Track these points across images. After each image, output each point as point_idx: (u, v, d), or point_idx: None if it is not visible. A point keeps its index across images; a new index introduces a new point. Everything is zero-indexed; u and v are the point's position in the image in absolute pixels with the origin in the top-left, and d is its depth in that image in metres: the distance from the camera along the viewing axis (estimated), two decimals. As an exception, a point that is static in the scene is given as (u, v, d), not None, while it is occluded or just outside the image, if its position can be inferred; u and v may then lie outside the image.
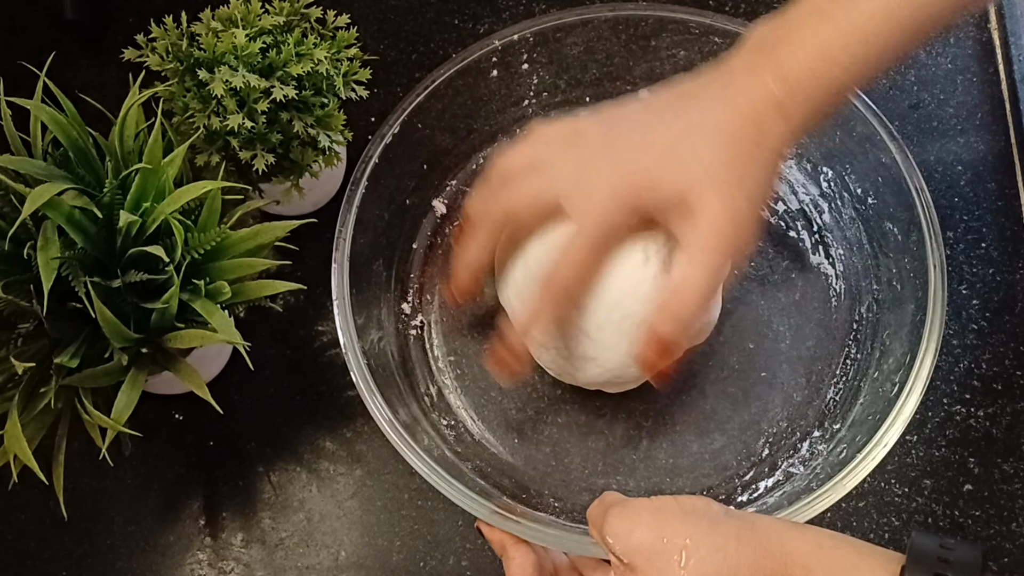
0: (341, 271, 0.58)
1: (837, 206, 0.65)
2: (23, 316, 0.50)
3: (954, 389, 0.62)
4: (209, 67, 0.54)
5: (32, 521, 0.61)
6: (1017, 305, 0.64)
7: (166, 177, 0.51)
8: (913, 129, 0.69)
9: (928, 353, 0.55)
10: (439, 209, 0.66)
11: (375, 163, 0.61)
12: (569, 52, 0.66)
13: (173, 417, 0.63)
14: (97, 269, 0.50)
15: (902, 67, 0.71)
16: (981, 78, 0.71)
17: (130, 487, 0.61)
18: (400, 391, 0.59)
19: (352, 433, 0.62)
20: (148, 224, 0.50)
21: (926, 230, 0.58)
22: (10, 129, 0.51)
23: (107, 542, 0.60)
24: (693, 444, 0.60)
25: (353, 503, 0.61)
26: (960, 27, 0.72)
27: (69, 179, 0.50)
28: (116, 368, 0.50)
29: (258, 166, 0.55)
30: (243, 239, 0.53)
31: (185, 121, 0.54)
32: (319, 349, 0.65)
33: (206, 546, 0.60)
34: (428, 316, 0.64)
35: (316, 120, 0.56)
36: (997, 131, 0.69)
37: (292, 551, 0.60)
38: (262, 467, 0.62)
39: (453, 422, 0.61)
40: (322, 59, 0.54)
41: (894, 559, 0.39)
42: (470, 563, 0.59)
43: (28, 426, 0.49)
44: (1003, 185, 0.67)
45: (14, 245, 0.49)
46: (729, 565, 0.40)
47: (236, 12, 0.55)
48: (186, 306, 0.50)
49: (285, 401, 0.63)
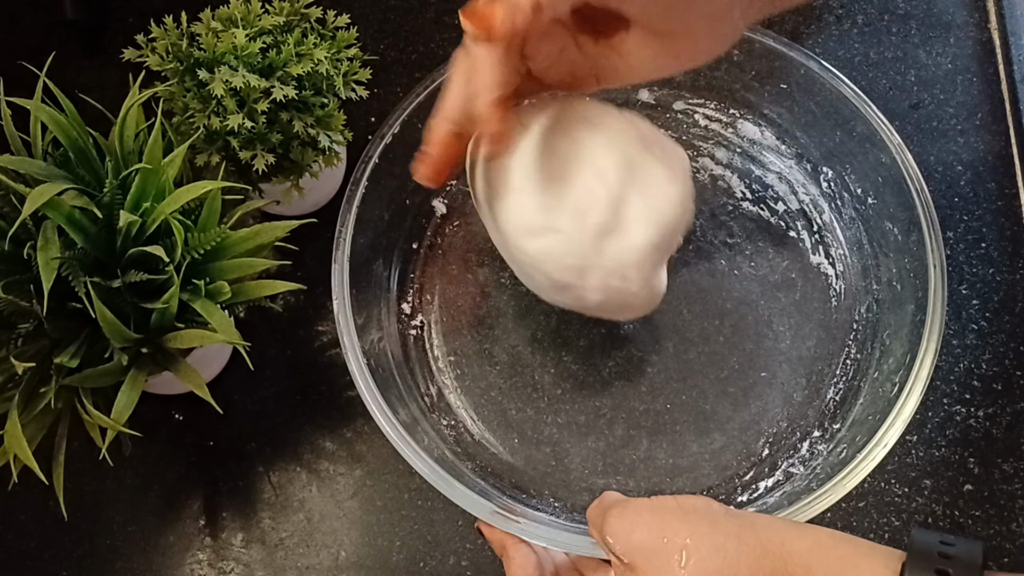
0: (341, 271, 0.58)
1: (837, 206, 0.65)
2: (23, 316, 0.50)
3: (954, 389, 0.62)
4: (209, 67, 0.54)
5: (32, 521, 0.61)
6: (1017, 305, 0.64)
7: (166, 177, 0.51)
8: (913, 129, 0.69)
9: (928, 353, 0.55)
10: (439, 209, 0.66)
11: (375, 163, 0.61)
12: (569, 52, 0.66)
13: (173, 417, 0.63)
14: (97, 269, 0.50)
15: (902, 67, 0.71)
16: (981, 78, 0.71)
17: (130, 487, 0.61)
18: (400, 391, 0.59)
19: (352, 433, 0.62)
20: (148, 224, 0.50)
21: (926, 230, 0.58)
22: (10, 129, 0.51)
23: (107, 542, 0.60)
24: (693, 444, 0.60)
25: (353, 503, 0.61)
26: (960, 27, 0.72)
27: (69, 179, 0.50)
28: (116, 368, 0.50)
29: (258, 166, 0.55)
30: (243, 239, 0.53)
31: (185, 121, 0.54)
32: (319, 349, 0.65)
33: (206, 546, 0.60)
34: (428, 316, 0.64)
35: (316, 120, 0.56)
36: (997, 131, 0.69)
37: (292, 551, 0.60)
38: (262, 467, 0.62)
39: (453, 422, 0.61)
40: (322, 59, 0.54)
41: (894, 556, 0.39)
42: (470, 563, 0.59)
43: (28, 426, 0.49)
44: (1003, 185, 0.67)
45: (14, 245, 0.49)
46: (729, 564, 0.40)
47: (236, 12, 0.55)
48: (186, 306, 0.50)
49: (285, 401, 0.63)
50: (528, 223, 0.50)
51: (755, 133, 0.67)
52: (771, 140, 0.66)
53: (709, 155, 0.68)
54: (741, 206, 0.66)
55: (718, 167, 0.67)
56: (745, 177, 0.67)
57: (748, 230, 0.65)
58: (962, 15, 0.73)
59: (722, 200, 0.66)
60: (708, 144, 0.68)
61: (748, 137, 0.67)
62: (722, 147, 0.68)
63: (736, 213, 0.66)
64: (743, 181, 0.67)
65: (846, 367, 0.61)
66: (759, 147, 0.67)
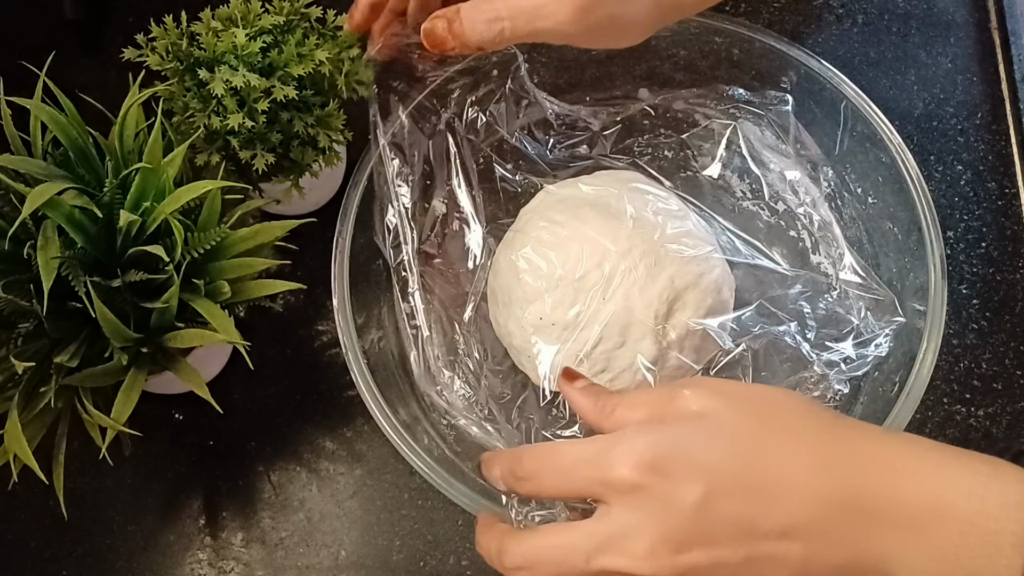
0: (341, 271, 0.58)
1: (837, 206, 0.65)
2: (23, 316, 0.50)
3: (954, 389, 0.62)
4: (209, 67, 0.54)
5: (32, 521, 0.61)
6: (1017, 305, 0.64)
7: (166, 177, 0.51)
8: (913, 129, 0.69)
9: (928, 353, 0.55)
10: (439, 209, 0.66)
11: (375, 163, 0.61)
12: (568, 52, 0.66)
13: (173, 417, 0.63)
14: (97, 269, 0.50)
15: (902, 67, 0.71)
16: (981, 78, 0.71)
17: (130, 487, 0.61)
18: (400, 391, 0.59)
19: (352, 433, 0.62)
20: (148, 224, 0.50)
21: (926, 230, 0.58)
22: (10, 129, 0.51)
23: (107, 542, 0.60)
24: (693, 444, 0.60)
25: (353, 503, 0.61)
26: (960, 27, 0.72)
27: (69, 179, 0.50)
28: (116, 368, 0.50)
29: (258, 166, 0.55)
30: (243, 239, 0.53)
31: (185, 121, 0.54)
32: (319, 349, 0.65)
33: (206, 546, 0.60)
34: (428, 316, 0.64)
35: (316, 120, 0.56)
36: (997, 131, 0.69)
37: (292, 551, 0.60)
38: (262, 467, 0.62)
39: (453, 422, 0.61)
40: (324, 60, 0.54)
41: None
42: (470, 563, 0.59)
43: (28, 426, 0.49)
44: (1003, 185, 0.67)
45: (14, 245, 0.49)
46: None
47: (236, 12, 0.55)
48: (186, 306, 0.50)
49: (285, 401, 0.63)
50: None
51: (755, 133, 0.67)
52: (771, 140, 0.66)
53: (709, 155, 0.68)
54: (741, 206, 0.66)
55: (718, 167, 0.67)
56: (745, 177, 0.67)
57: (748, 230, 0.65)
58: (962, 15, 0.73)
59: (722, 200, 0.66)
60: (708, 144, 0.68)
61: (748, 137, 0.67)
62: (722, 147, 0.68)
63: (736, 213, 0.66)
64: (743, 181, 0.67)
65: (846, 366, 0.61)
66: (759, 147, 0.67)
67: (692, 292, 0.56)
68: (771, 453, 0.39)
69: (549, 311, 0.55)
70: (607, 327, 0.55)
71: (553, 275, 0.56)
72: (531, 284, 0.56)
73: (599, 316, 0.55)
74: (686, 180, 0.67)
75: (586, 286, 0.55)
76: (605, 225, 0.56)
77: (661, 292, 0.55)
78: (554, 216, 0.58)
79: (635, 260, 0.55)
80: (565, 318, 0.55)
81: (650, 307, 0.55)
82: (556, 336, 0.56)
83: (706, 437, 0.40)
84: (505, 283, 0.58)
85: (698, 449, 0.39)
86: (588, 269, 0.55)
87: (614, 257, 0.55)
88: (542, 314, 0.56)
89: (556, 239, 0.57)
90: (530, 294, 0.56)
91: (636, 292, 0.55)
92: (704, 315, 0.56)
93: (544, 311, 0.56)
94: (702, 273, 0.56)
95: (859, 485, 0.38)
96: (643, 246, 0.56)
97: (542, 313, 0.56)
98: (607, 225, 0.56)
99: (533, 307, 0.56)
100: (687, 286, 0.56)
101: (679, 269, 0.56)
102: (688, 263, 0.56)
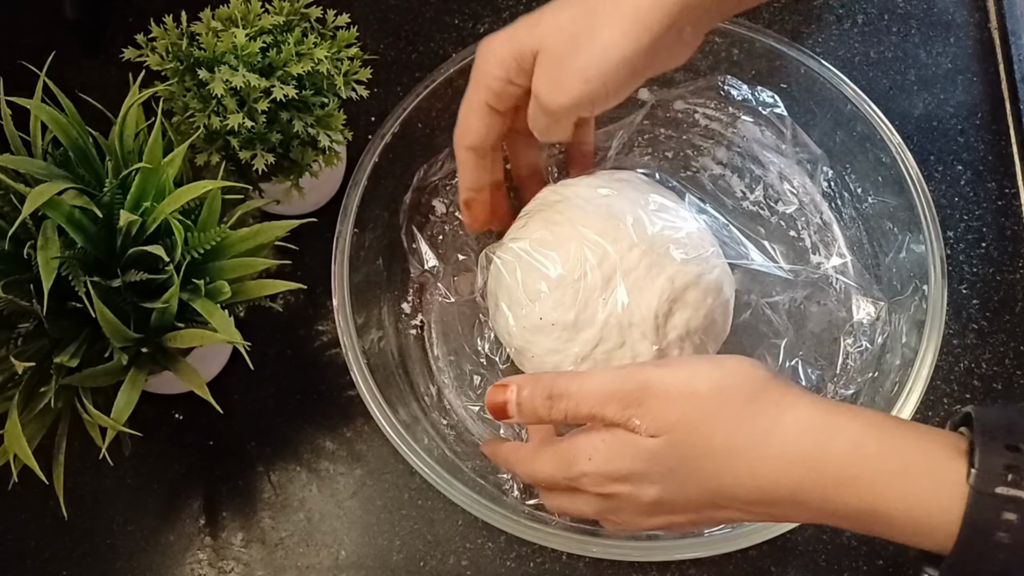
0: (341, 271, 0.58)
1: (837, 206, 0.65)
2: (23, 316, 0.50)
3: (954, 389, 0.62)
4: (209, 67, 0.54)
5: (32, 521, 0.61)
6: (1017, 305, 0.64)
7: (166, 177, 0.51)
8: (913, 129, 0.69)
9: (928, 353, 0.55)
10: (439, 209, 0.66)
11: (375, 163, 0.61)
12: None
13: (173, 417, 0.63)
14: (97, 269, 0.50)
15: (902, 67, 0.71)
16: (981, 78, 0.71)
17: (130, 487, 0.61)
18: (400, 391, 0.59)
19: (352, 433, 0.62)
20: (148, 224, 0.50)
21: (926, 230, 0.58)
22: (10, 129, 0.51)
23: (107, 542, 0.60)
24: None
25: (353, 503, 0.61)
26: (960, 27, 0.72)
27: (69, 179, 0.50)
28: (116, 368, 0.50)
29: (258, 166, 0.55)
30: (243, 239, 0.53)
31: (185, 121, 0.54)
32: (319, 349, 0.65)
33: (206, 546, 0.60)
34: (428, 316, 0.64)
35: (316, 120, 0.56)
36: (997, 131, 0.69)
37: (292, 551, 0.60)
38: (262, 467, 0.62)
39: (453, 422, 0.61)
40: (322, 59, 0.54)
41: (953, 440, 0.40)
42: (470, 563, 0.59)
43: (28, 426, 0.49)
44: (1003, 185, 0.67)
45: (14, 245, 0.49)
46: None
47: (236, 12, 0.55)
48: (186, 306, 0.50)
49: (285, 401, 0.63)
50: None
51: (755, 133, 0.67)
52: (771, 140, 0.66)
53: (709, 155, 0.68)
54: (741, 206, 0.66)
55: (718, 167, 0.67)
56: (745, 177, 0.67)
57: (748, 230, 0.65)
58: (962, 15, 0.73)
59: (722, 200, 0.66)
60: (708, 144, 0.68)
61: (748, 137, 0.67)
62: (722, 147, 0.68)
63: (736, 213, 0.66)
64: (743, 181, 0.67)
65: (846, 367, 0.61)
66: (759, 147, 0.67)
67: (692, 292, 0.56)
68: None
69: (549, 312, 0.55)
70: (607, 327, 0.55)
71: (553, 276, 0.56)
72: (531, 285, 0.57)
73: (599, 316, 0.55)
74: (686, 180, 0.67)
75: (586, 286, 0.55)
76: (605, 225, 0.56)
77: (661, 292, 0.55)
78: (554, 216, 0.58)
79: (635, 260, 0.55)
80: (565, 319, 0.55)
81: (650, 307, 0.55)
82: (556, 337, 0.56)
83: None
84: (505, 284, 0.58)
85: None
86: (588, 269, 0.55)
87: (614, 257, 0.55)
88: (542, 315, 0.56)
89: (556, 239, 0.57)
90: (530, 295, 0.56)
91: (636, 292, 0.55)
92: (704, 315, 0.56)
93: (544, 312, 0.56)
94: (702, 273, 0.56)
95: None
96: (643, 246, 0.56)
97: (542, 313, 0.56)
98: (607, 225, 0.56)
99: (533, 308, 0.56)
100: (687, 286, 0.56)
101: (679, 269, 0.56)
102: (688, 263, 0.56)
